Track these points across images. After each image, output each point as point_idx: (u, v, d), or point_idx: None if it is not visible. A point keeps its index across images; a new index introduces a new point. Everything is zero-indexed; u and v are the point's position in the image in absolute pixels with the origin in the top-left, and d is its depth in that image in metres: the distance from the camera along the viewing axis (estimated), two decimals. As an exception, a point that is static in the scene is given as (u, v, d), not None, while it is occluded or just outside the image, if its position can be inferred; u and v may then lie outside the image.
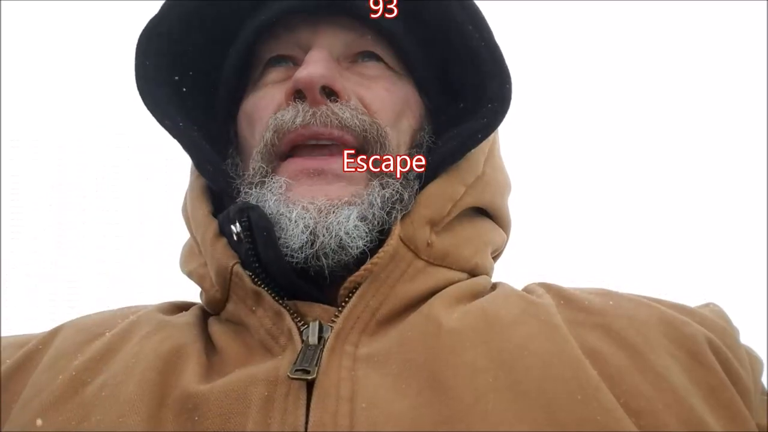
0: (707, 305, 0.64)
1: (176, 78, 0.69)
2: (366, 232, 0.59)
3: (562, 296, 0.60)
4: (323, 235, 0.57)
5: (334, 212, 0.58)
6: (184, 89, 0.70)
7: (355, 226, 0.58)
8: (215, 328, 0.60)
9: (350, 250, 0.58)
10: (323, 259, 0.58)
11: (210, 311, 0.64)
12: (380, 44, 0.68)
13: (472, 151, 0.66)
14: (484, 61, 0.65)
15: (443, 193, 0.63)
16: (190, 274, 0.67)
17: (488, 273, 0.70)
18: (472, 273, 0.66)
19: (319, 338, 0.54)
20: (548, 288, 0.62)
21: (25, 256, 1.97)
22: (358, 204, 0.59)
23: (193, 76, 0.71)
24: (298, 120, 0.60)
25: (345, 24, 0.67)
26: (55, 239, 2.01)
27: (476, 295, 0.62)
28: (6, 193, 1.91)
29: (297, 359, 0.52)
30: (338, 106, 0.61)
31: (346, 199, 0.59)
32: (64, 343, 0.59)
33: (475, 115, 0.65)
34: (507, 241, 0.74)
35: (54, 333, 0.62)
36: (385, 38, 0.68)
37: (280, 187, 0.60)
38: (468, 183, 0.65)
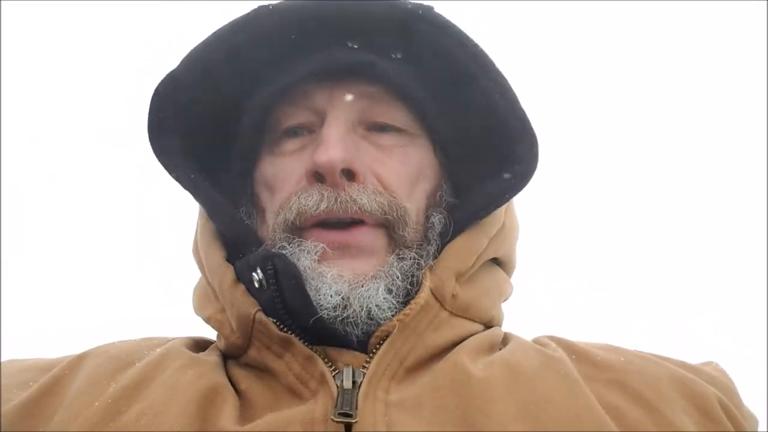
0: (709, 363, 0.68)
1: (187, 126, 0.70)
2: (394, 304, 0.62)
3: (573, 350, 0.65)
4: (355, 305, 0.60)
5: (363, 285, 0.62)
6: (194, 137, 0.71)
7: (384, 298, 0.61)
8: (236, 372, 0.63)
9: (379, 321, 0.61)
10: (352, 327, 0.61)
11: (228, 355, 0.66)
12: (397, 102, 0.69)
13: None
14: (513, 127, 0.67)
15: (469, 246, 0.66)
16: (207, 320, 0.69)
17: (500, 324, 0.73)
18: (488, 325, 0.70)
19: (352, 383, 0.57)
20: (558, 341, 0.67)
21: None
22: (383, 277, 0.63)
23: (204, 125, 0.72)
24: (322, 206, 0.63)
25: (361, 85, 0.68)
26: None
27: (493, 345, 0.66)
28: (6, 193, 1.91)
29: (336, 403, 0.55)
30: (356, 191, 0.64)
31: (372, 273, 0.63)
32: (96, 370, 0.62)
33: (500, 173, 0.67)
34: (513, 288, 0.77)
35: (80, 359, 0.65)
36: (402, 96, 0.69)
37: (317, 251, 0.63)
38: (491, 236, 0.68)
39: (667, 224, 2.08)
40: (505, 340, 0.68)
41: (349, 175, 0.64)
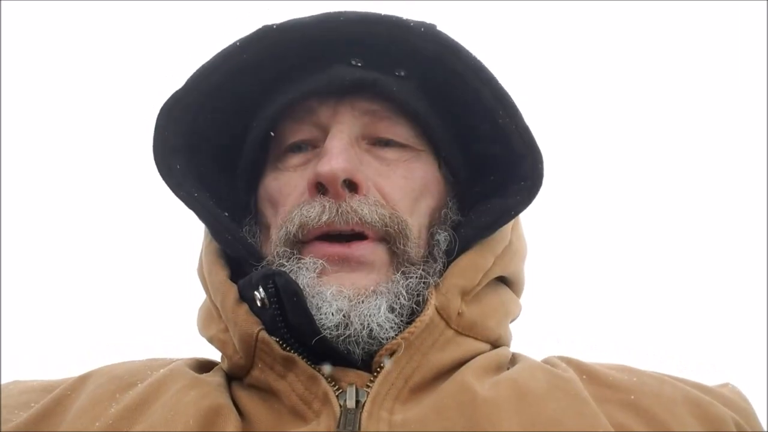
0: (725, 385, 0.66)
1: (191, 144, 0.70)
2: (396, 324, 0.61)
3: (584, 371, 0.63)
4: (356, 323, 0.59)
5: (364, 301, 0.61)
6: (199, 155, 0.71)
7: (386, 317, 0.60)
8: (240, 393, 0.62)
9: (381, 341, 0.60)
10: (354, 346, 0.60)
11: (232, 376, 0.66)
12: (401, 118, 0.69)
13: None
14: (516, 143, 0.67)
15: (475, 264, 0.66)
16: (210, 340, 0.69)
17: (508, 344, 0.73)
18: (495, 344, 0.69)
19: (356, 402, 0.57)
20: (569, 362, 0.66)
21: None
22: (385, 293, 0.62)
23: (208, 143, 0.72)
24: (324, 218, 0.63)
25: (364, 102, 0.68)
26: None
27: (500, 366, 0.65)
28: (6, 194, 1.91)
29: (339, 423, 0.54)
30: (357, 202, 0.63)
31: (372, 288, 0.62)
32: (98, 390, 0.62)
33: (506, 191, 0.67)
34: (521, 309, 0.77)
35: (83, 380, 0.65)
36: (406, 113, 0.69)
37: (316, 268, 0.62)
38: (497, 254, 0.68)
39: (664, 225, 2.08)
40: (513, 360, 0.67)
41: (351, 186, 0.64)
